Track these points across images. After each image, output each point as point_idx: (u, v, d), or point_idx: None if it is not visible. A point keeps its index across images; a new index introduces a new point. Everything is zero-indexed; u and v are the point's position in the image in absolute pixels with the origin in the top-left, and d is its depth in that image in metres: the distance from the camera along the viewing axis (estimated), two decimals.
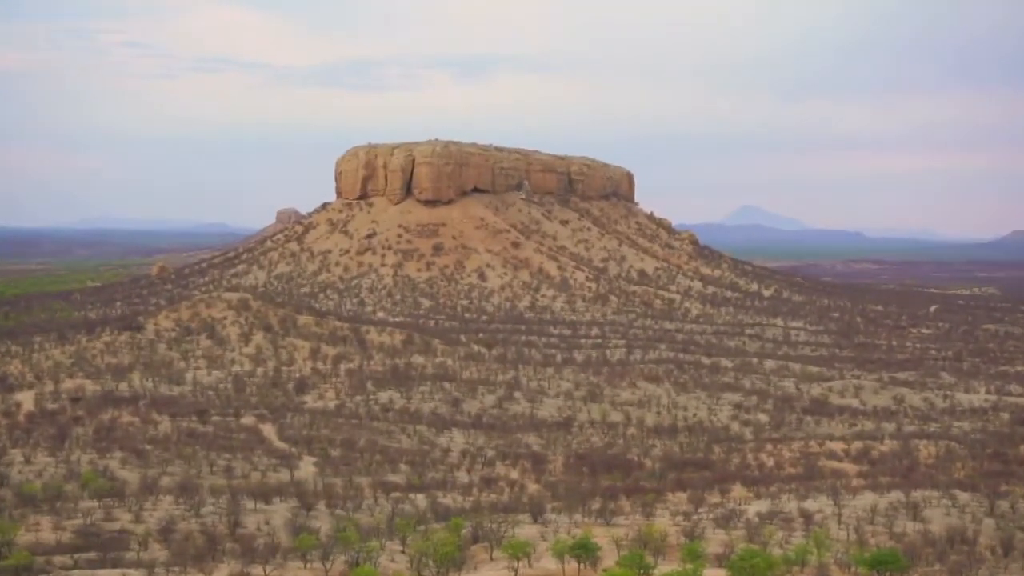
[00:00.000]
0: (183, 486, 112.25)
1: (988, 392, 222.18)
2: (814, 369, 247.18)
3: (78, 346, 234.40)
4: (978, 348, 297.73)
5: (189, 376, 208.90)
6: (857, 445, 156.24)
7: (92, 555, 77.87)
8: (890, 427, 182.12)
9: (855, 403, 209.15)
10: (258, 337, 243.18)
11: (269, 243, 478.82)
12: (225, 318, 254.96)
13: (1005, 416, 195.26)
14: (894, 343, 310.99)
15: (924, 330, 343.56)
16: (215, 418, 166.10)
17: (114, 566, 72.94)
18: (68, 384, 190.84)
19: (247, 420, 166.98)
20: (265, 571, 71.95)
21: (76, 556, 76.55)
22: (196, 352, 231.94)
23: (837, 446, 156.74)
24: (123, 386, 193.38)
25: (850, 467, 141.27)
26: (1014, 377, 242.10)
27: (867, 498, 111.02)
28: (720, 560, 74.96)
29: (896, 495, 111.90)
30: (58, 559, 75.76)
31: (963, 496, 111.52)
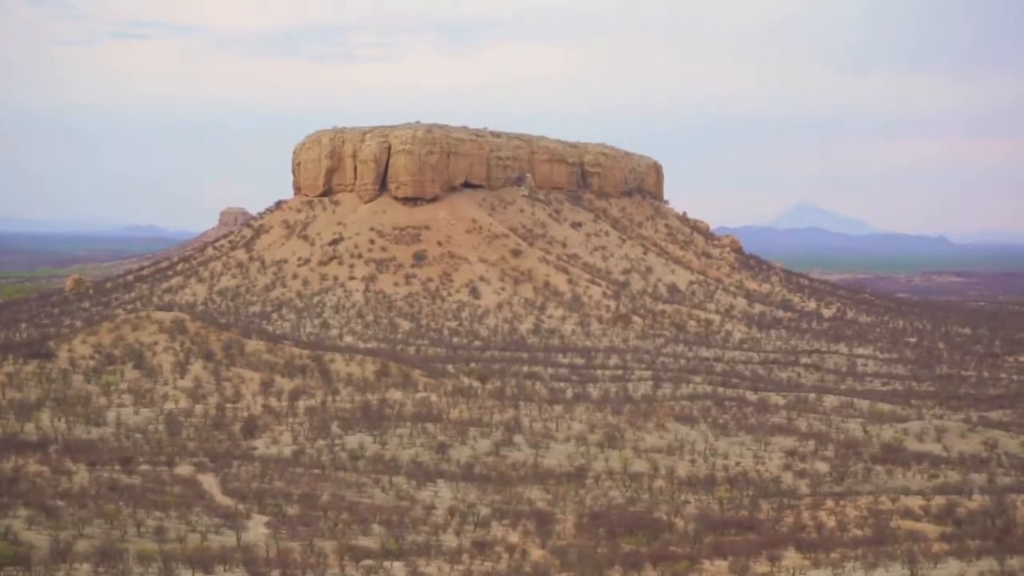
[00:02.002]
0: (103, 552, 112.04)
1: None
2: (886, 407, 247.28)
3: None
4: None
5: (111, 415, 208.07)
6: (939, 501, 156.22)
7: None
8: (980, 478, 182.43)
9: (937, 449, 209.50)
10: (197, 367, 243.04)
11: (211, 251, 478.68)
12: (156, 343, 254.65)
13: None
14: (985, 375, 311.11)
15: (1022, 359, 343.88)
16: (143, 467, 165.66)
17: None
18: None
19: (183, 470, 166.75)
20: None
21: None
22: (120, 385, 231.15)
23: (914, 502, 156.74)
24: (29, 427, 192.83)
25: (930, 528, 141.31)
26: None
27: (952, 567, 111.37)
28: None
29: (988, 563, 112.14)
30: None
31: None
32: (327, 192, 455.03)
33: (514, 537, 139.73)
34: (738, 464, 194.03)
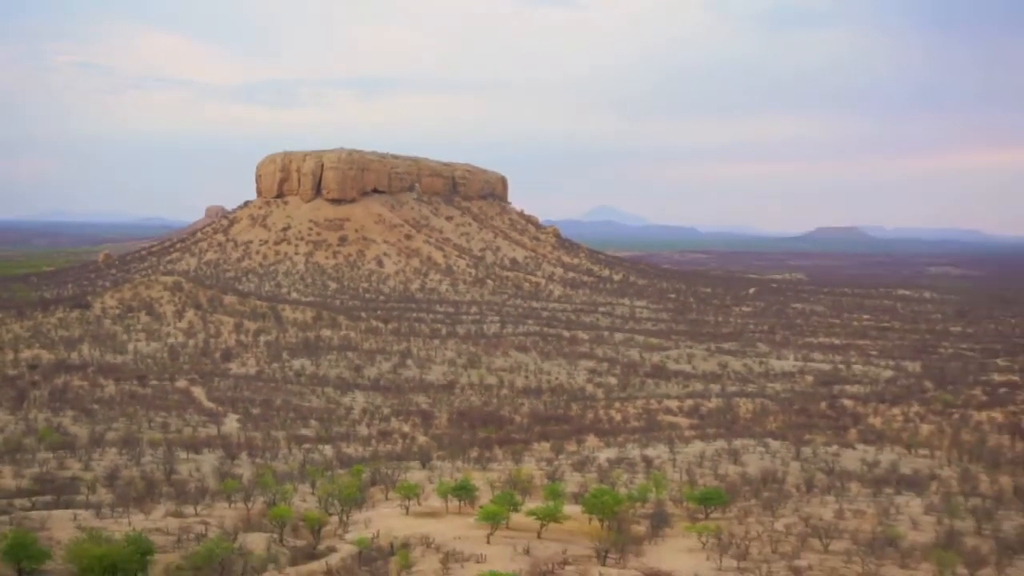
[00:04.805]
0: (126, 439, 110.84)
1: (796, 359, 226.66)
2: (654, 340, 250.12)
3: (35, 321, 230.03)
4: (788, 323, 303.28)
5: (131, 347, 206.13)
6: (689, 403, 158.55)
7: (47, 498, 76.73)
8: (716, 388, 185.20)
9: (688, 368, 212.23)
10: (190, 314, 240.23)
11: (199, 234, 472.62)
12: (162, 298, 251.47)
13: (809, 378, 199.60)
14: (720, 319, 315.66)
15: (744, 308, 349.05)
16: (153, 382, 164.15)
17: (66, 507, 71.83)
18: (26, 353, 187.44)
19: (180, 384, 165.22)
20: (196, 510, 71.42)
21: (34, 499, 75.31)
22: (136, 327, 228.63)
23: (673, 404, 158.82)
24: (74, 355, 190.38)
25: (683, 421, 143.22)
26: (817, 347, 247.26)
27: (696, 446, 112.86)
28: (576, 498, 75.85)
29: (720, 443, 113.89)
30: (18, 502, 74.51)
31: (774, 444, 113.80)
32: (279, 195, 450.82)
33: (406, 428, 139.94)
34: (557, 379, 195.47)
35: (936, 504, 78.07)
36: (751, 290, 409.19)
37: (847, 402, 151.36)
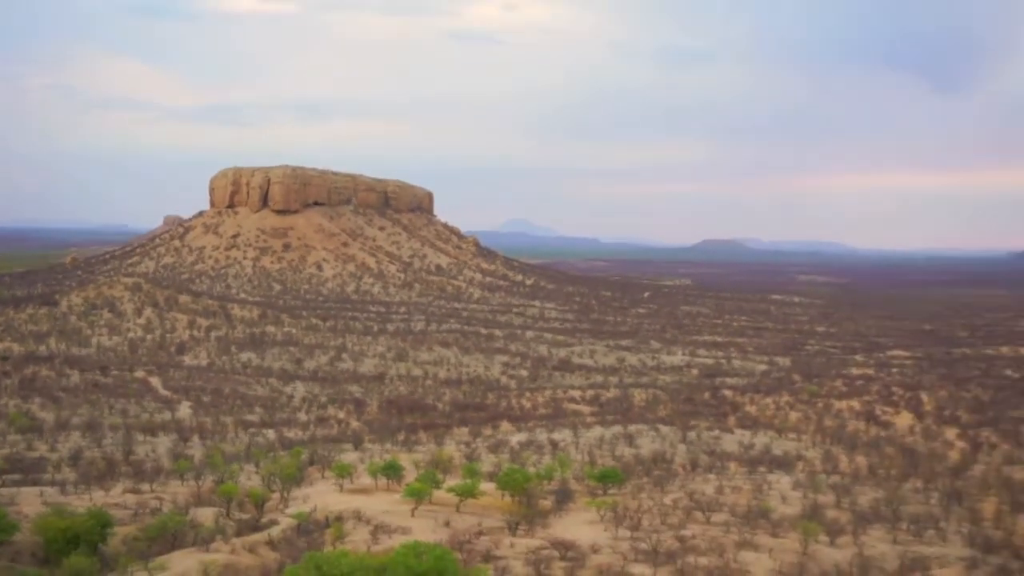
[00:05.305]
0: (88, 424, 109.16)
1: (683, 355, 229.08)
2: (561, 337, 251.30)
3: (6, 317, 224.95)
4: (677, 323, 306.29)
5: (94, 341, 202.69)
6: (590, 393, 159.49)
7: (16, 477, 75.59)
8: (614, 380, 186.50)
9: (590, 362, 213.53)
10: (148, 312, 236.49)
11: (158, 240, 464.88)
12: (123, 297, 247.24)
13: (695, 371, 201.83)
14: (618, 319, 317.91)
15: (639, 310, 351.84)
16: (114, 372, 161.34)
17: (34, 485, 70.71)
18: None
19: (139, 374, 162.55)
20: (151, 488, 70.60)
21: (4, 478, 74.00)
22: (100, 322, 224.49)
23: (576, 393, 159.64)
24: (42, 348, 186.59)
25: (585, 408, 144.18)
26: (702, 344, 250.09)
27: (597, 431, 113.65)
28: (491, 476, 76.10)
29: (617, 428, 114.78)
30: None
31: (664, 429, 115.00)
32: (230, 206, 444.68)
33: (341, 414, 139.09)
34: (475, 371, 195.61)
35: (802, 481, 79.48)
36: (645, 294, 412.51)
37: (727, 392, 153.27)
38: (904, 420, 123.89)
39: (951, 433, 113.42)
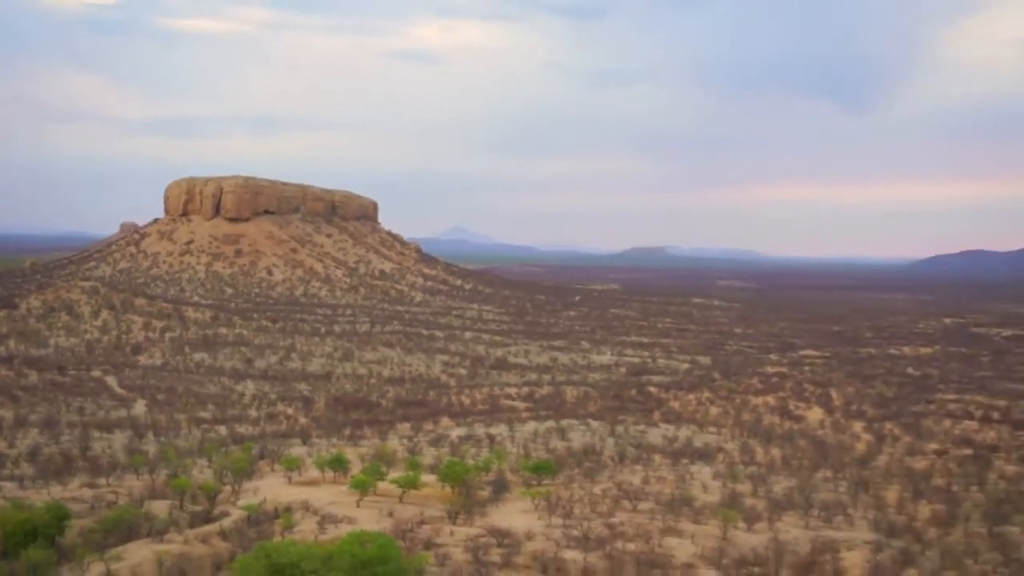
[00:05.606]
0: (46, 421, 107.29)
1: (612, 354, 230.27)
2: (498, 338, 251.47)
3: None
4: (606, 325, 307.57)
5: (52, 342, 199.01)
6: (525, 390, 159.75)
7: None
8: (547, 378, 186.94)
9: (525, 361, 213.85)
10: (104, 314, 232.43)
11: (114, 246, 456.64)
12: (80, 300, 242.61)
13: (622, 370, 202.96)
14: (551, 321, 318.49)
15: (571, 312, 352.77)
16: (71, 372, 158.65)
17: None
18: None
19: (95, 373, 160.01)
20: (107, 482, 69.59)
21: None
22: (58, 324, 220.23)
23: (512, 391, 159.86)
24: (1, 349, 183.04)
25: (520, 405, 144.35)
26: (629, 344, 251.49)
27: (531, 425, 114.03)
28: (432, 469, 76.04)
29: (550, 423, 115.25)
30: None
31: (594, 423, 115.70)
32: (184, 213, 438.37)
33: (290, 411, 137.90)
34: (417, 370, 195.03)
35: (722, 471, 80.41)
36: (577, 298, 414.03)
37: (652, 389, 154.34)
38: (815, 414, 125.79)
39: (858, 426, 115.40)
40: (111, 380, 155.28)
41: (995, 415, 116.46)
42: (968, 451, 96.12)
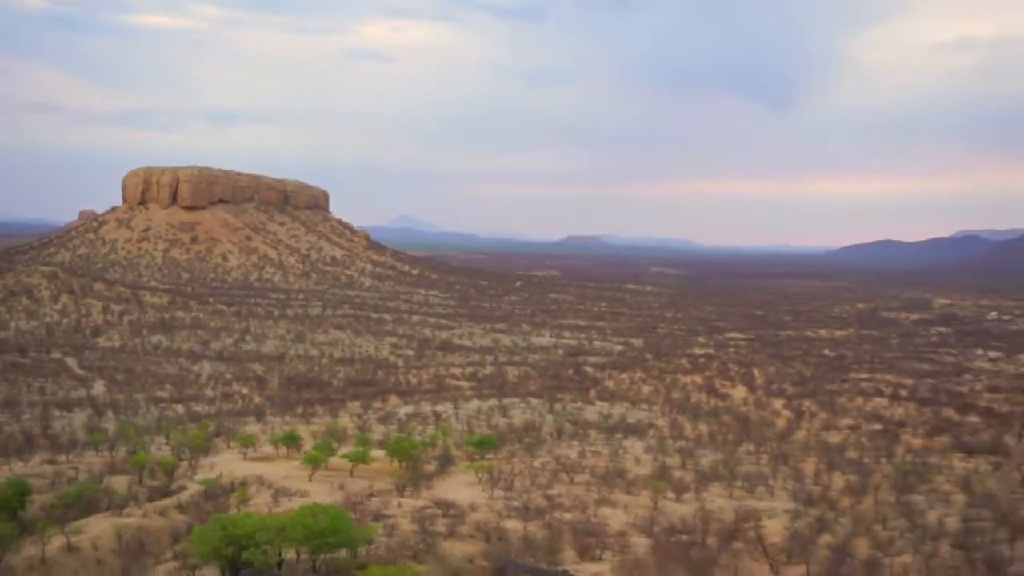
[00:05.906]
0: (8, 401, 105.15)
1: (551, 336, 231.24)
2: (443, 321, 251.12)
3: None
4: (545, 309, 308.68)
5: (13, 324, 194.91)
6: (469, 370, 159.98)
7: None
8: (490, 358, 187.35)
9: (469, 343, 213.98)
10: (64, 298, 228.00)
11: (74, 233, 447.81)
12: (40, 284, 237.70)
13: (560, 351, 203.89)
14: (493, 305, 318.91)
15: (512, 297, 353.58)
16: (32, 354, 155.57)
17: None
18: None
19: (56, 355, 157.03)
20: (68, 459, 68.38)
21: None
22: (18, 308, 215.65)
23: (457, 371, 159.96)
24: None
25: (465, 384, 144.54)
26: (567, 327, 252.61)
27: (475, 403, 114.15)
28: (381, 444, 75.80)
29: (493, 401, 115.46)
30: None
31: (534, 401, 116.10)
32: (142, 202, 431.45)
33: (245, 390, 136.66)
34: (366, 351, 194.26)
35: (653, 445, 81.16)
36: (517, 283, 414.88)
37: (589, 369, 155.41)
38: (739, 392, 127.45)
39: (778, 403, 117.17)
40: (71, 361, 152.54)
41: (903, 393, 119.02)
42: (878, 426, 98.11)
